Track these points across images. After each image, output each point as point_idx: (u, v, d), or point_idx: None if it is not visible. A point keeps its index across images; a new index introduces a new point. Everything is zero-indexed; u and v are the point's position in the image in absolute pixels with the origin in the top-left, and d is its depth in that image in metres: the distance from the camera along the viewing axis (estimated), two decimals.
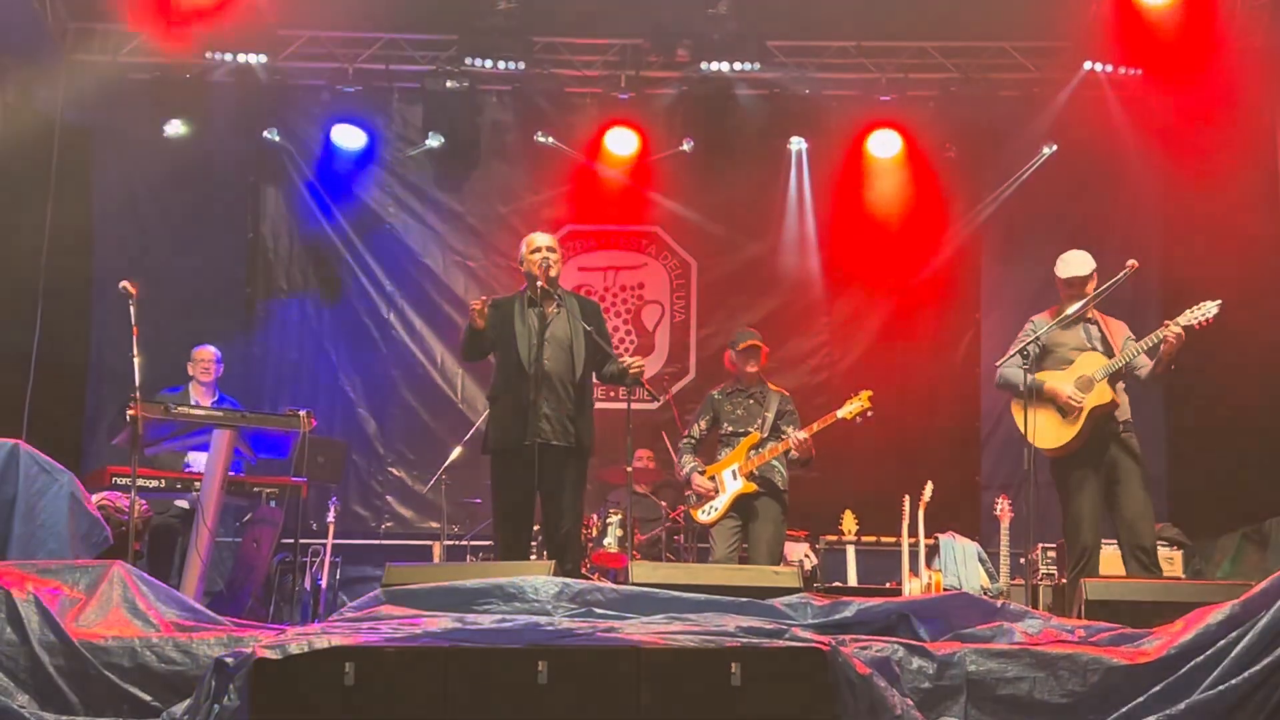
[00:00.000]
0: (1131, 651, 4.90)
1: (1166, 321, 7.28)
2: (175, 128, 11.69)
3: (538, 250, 7.44)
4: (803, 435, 8.34)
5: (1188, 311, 7.25)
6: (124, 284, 7.25)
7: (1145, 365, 7.55)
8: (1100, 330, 7.72)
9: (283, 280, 12.47)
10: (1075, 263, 7.72)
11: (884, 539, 10.12)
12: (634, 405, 7.52)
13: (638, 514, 10.36)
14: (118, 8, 11.18)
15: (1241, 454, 10.36)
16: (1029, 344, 7.55)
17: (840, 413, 8.38)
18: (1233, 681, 4.54)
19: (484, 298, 7.41)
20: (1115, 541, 7.72)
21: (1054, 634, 5.26)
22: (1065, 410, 7.51)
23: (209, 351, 9.82)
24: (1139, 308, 10.02)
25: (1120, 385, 7.62)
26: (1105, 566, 8.06)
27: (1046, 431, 7.54)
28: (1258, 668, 4.54)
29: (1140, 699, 4.69)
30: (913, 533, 9.33)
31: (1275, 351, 9.95)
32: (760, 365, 8.77)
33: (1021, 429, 7.51)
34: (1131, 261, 7.47)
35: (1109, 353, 7.58)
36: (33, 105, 11.44)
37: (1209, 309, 7.21)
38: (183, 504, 8.74)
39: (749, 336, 8.84)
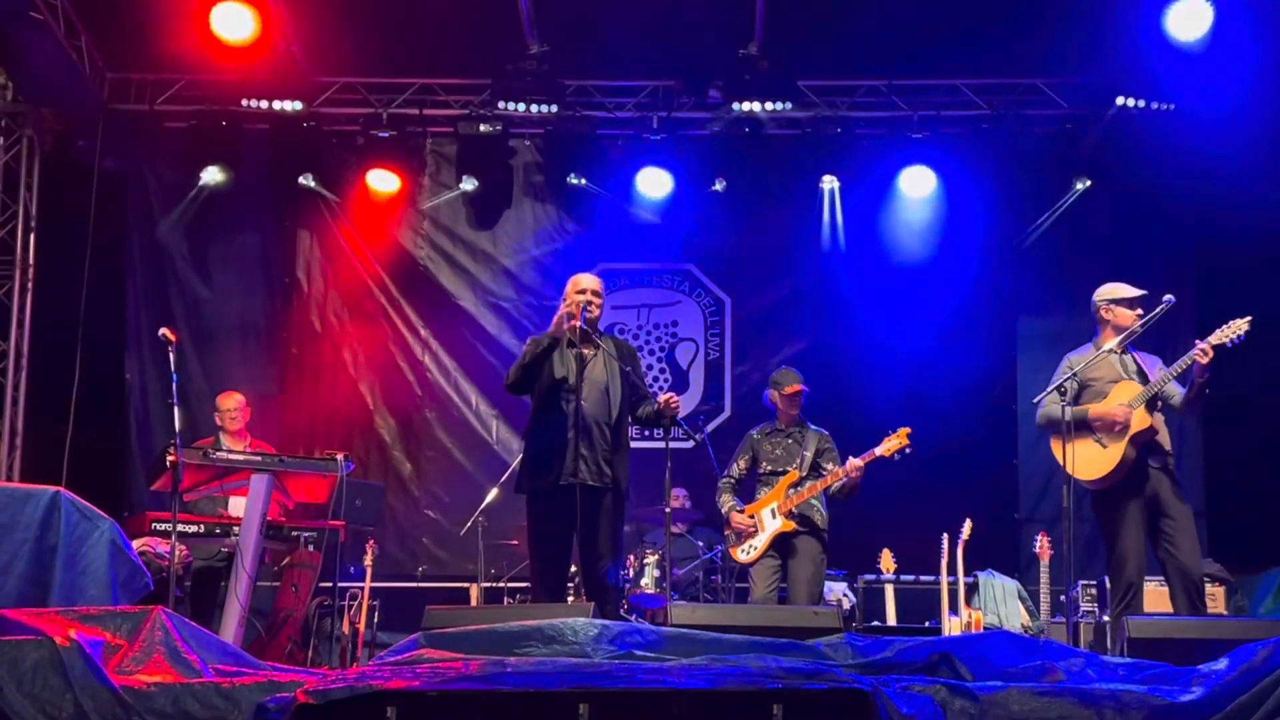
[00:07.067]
0: (1176, 690, 4.84)
1: (1197, 341, 7.22)
2: (212, 174, 11.85)
3: (582, 291, 7.44)
4: (859, 462, 8.23)
5: (1218, 330, 7.19)
6: (164, 331, 7.27)
7: (1177, 394, 7.51)
8: (1135, 362, 7.68)
9: (317, 323, 12.55)
10: (1124, 286, 7.72)
11: (923, 577, 10.09)
12: (671, 445, 7.47)
13: (675, 554, 10.32)
14: (155, 56, 11.31)
15: None
16: (1065, 379, 7.51)
17: (879, 450, 8.26)
18: None
19: (571, 317, 7.36)
20: (1161, 578, 7.66)
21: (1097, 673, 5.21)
22: (1111, 429, 7.45)
23: (234, 400, 9.71)
24: (1174, 343, 9.96)
25: (1159, 416, 7.57)
26: (1151, 603, 7.99)
27: (1087, 463, 7.48)
28: None
29: None
30: (952, 571, 9.27)
31: None
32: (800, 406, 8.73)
33: (1061, 463, 7.46)
34: (1168, 296, 7.46)
35: (1144, 381, 7.53)
36: (71, 155, 11.59)
37: (1239, 326, 7.13)
38: (225, 549, 8.77)
39: (793, 380, 8.70)
